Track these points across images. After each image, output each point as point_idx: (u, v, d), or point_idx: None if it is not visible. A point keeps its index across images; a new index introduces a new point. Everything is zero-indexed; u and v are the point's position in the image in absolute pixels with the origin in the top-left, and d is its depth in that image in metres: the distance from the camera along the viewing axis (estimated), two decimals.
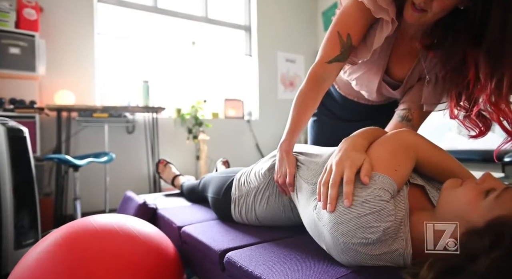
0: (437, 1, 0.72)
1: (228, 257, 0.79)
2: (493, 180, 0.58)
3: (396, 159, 0.68)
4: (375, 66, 0.96)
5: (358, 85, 1.04)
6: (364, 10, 0.83)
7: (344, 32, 0.85)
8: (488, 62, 0.71)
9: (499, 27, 0.68)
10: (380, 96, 1.06)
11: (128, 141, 3.01)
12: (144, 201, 1.36)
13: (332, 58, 0.87)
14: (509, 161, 1.59)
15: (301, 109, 0.87)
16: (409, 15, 0.79)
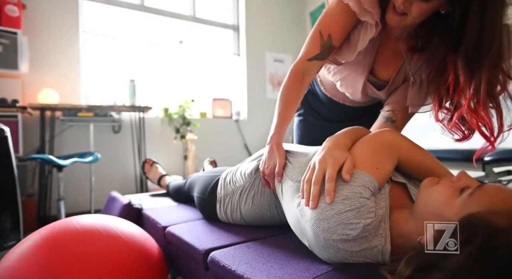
0: (415, 6, 0.74)
1: (211, 256, 0.79)
2: (467, 178, 0.59)
3: (378, 157, 0.69)
4: (360, 66, 0.98)
5: (343, 86, 1.05)
6: (348, 12, 0.84)
7: (325, 32, 0.88)
8: (466, 66, 0.73)
9: (476, 33, 0.69)
10: (365, 96, 1.07)
11: (114, 141, 2.97)
12: (129, 201, 1.34)
13: (312, 57, 0.90)
14: (489, 160, 1.63)
15: (286, 104, 0.91)
16: (390, 18, 0.80)
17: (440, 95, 0.82)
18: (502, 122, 0.73)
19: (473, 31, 0.70)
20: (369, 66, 0.98)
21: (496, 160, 1.61)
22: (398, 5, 0.75)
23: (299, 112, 1.31)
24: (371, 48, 0.95)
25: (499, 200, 0.50)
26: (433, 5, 0.74)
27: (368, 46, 0.93)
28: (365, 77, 0.99)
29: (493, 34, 0.68)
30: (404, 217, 0.63)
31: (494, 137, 0.74)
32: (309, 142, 1.14)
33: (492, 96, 0.72)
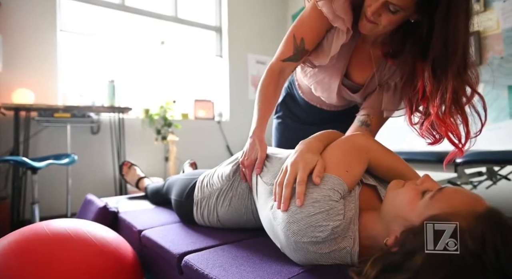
0: (384, 16, 0.77)
1: (185, 260, 0.79)
2: (430, 181, 0.61)
3: (348, 160, 0.71)
4: (335, 69, 1.00)
5: (318, 90, 1.07)
6: (321, 17, 0.86)
7: (298, 36, 0.91)
8: (433, 76, 0.75)
9: (441, 43, 0.72)
10: (341, 100, 1.09)
11: (92, 142, 2.91)
12: (104, 205, 1.32)
13: (286, 58, 0.94)
14: (461, 161, 1.69)
15: (265, 100, 0.94)
16: (363, 26, 0.83)
17: (411, 101, 0.84)
18: (468, 130, 0.76)
19: (438, 41, 0.72)
20: (344, 69, 1.00)
21: (468, 162, 1.67)
22: (369, 16, 0.78)
23: (277, 115, 1.33)
24: (346, 52, 0.97)
25: (458, 202, 0.52)
26: (401, 16, 0.76)
27: (343, 50, 0.95)
28: (340, 80, 1.01)
29: (457, 45, 0.71)
30: (373, 218, 0.65)
31: (462, 144, 0.77)
32: (288, 144, 1.15)
33: (458, 105, 0.74)
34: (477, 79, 0.76)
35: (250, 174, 0.89)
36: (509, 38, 2.38)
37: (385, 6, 0.75)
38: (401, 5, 0.72)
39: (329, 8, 0.84)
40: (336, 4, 0.83)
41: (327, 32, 0.91)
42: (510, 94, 2.38)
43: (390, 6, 0.74)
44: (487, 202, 0.53)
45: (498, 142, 2.43)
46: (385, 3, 0.74)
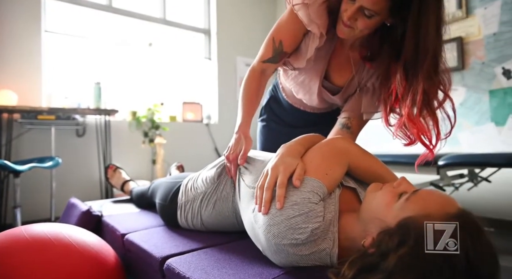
0: (360, 21, 0.79)
1: (167, 263, 0.78)
2: (406, 183, 0.63)
3: (328, 163, 0.72)
4: (314, 72, 1.01)
5: (300, 92, 1.09)
6: (298, 21, 0.89)
7: (277, 38, 0.95)
8: (405, 77, 0.77)
9: (412, 46, 0.74)
10: (322, 102, 1.10)
11: (77, 145, 2.86)
12: (88, 208, 1.30)
13: (266, 59, 0.99)
14: (443, 164, 1.72)
15: (249, 98, 0.99)
16: (340, 30, 0.85)
17: (386, 103, 0.86)
18: (439, 131, 0.78)
19: (410, 43, 0.74)
20: (323, 72, 1.01)
21: (450, 164, 1.71)
22: (345, 20, 0.80)
23: (262, 118, 1.34)
24: (324, 55, 0.98)
25: (431, 204, 0.54)
26: (376, 20, 0.78)
27: (321, 53, 0.97)
28: (319, 82, 1.02)
29: (427, 48, 0.73)
30: (352, 220, 0.66)
31: (433, 145, 0.79)
32: (272, 147, 1.15)
33: (429, 107, 0.76)
34: (449, 83, 0.78)
35: (235, 169, 0.90)
36: (490, 44, 2.45)
37: (360, 11, 0.77)
38: (375, 9, 0.75)
39: (304, 13, 0.86)
40: (311, 9, 0.85)
41: (304, 35, 0.94)
42: (491, 99, 2.45)
43: (365, 11, 0.76)
44: (459, 204, 0.54)
45: (480, 144, 2.49)
46: (360, 8, 0.76)
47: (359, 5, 0.75)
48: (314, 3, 0.85)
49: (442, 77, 0.77)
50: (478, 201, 2.47)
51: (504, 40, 2.37)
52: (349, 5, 0.78)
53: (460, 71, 2.61)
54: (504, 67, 2.37)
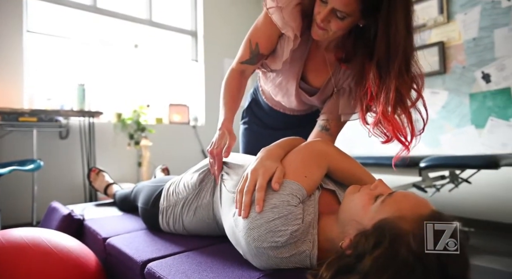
0: (333, 22, 0.81)
1: (148, 267, 0.78)
2: (383, 186, 0.64)
3: (307, 166, 0.73)
4: (291, 73, 1.03)
5: (279, 94, 1.11)
6: (273, 23, 0.91)
7: (254, 41, 0.97)
8: (378, 75, 0.80)
9: (384, 45, 0.77)
10: (301, 104, 1.11)
11: (61, 147, 2.81)
12: (69, 212, 1.28)
13: (244, 61, 1.01)
14: (425, 166, 1.76)
15: (231, 96, 1.00)
16: (314, 32, 0.87)
17: (361, 102, 0.88)
18: (413, 128, 0.80)
19: (382, 42, 0.77)
20: (299, 73, 1.03)
21: (431, 166, 1.75)
22: (318, 23, 0.82)
23: (244, 120, 1.34)
24: (300, 57, 1.00)
25: (405, 206, 0.55)
26: (349, 22, 0.80)
27: (297, 55, 0.98)
28: (296, 84, 1.04)
29: (397, 46, 0.75)
30: (331, 222, 0.67)
31: (408, 142, 0.81)
32: (254, 150, 1.15)
33: (403, 104, 0.78)
34: (422, 82, 0.80)
35: (220, 164, 0.90)
36: (470, 49, 2.52)
37: (333, 13, 0.79)
38: (347, 11, 0.77)
39: (278, 16, 0.88)
40: (285, 12, 0.87)
41: (279, 37, 0.96)
42: (471, 102, 2.52)
43: (337, 13, 0.78)
44: (432, 206, 0.56)
45: (461, 146, 2.56)
46: (332, 10, 0.78)
47: (331, 7, 0.77)
48: (287, 6, 0.86)
49: (414, 76, 0.79)
50: (459, 201, 2.53)
51: (483, 45, 2.44)
52: (322, 8, 0.80)
53: (442, 75, 2.67)
54: (484, 71, 2.45)
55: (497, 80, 2.38)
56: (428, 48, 2.73)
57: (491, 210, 2.39)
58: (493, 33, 2.39)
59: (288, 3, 0.87)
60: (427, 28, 2.75)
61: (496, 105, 2.39)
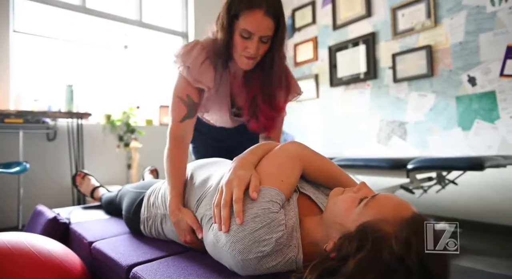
0: (261, 48, 0.96)
1: (133, 272, 0.77)
2: (366, 188, 0.65)
3: (283, 170, 0.73)
4: (223, 106, 1.14)
5: (217, 123, 1.24)
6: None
7: (183, 95, 1.01)
8: (262, 80, 1.04)
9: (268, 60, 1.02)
10: (238, 122, 1.23)
11: (48, 149, 2.77)
12: (54, 216, 1.26)
13: (183, 117, 1.01)
14: (413, 167, 1.78)
15: (175, 168, 0.95)
16: (245, 64, 0.99)
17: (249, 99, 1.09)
18: None
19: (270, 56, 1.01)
20: (229, 106, 1.14)
21: (419, 167, 1.77)
22: (253, 51, 0.94)
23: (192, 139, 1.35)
24: (225, 89, 1.10)
25: (387, 209, 0.56)
26: (268, 44, 0.98)
27: (222, 90, 1.09)
28: (229, 114, 1.16)
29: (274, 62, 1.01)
30: (314, 225, 0.67)
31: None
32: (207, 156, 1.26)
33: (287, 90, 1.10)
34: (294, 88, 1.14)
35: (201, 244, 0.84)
36: (456, 53, 2.56)
37: (260, 41, 0.94)
38: (270, 34, 0.94)
39: (189, 74, 0.99)
40: (194, 71, 0.99)
41: None
42: (458, 104, 2.56)
43: (263, 39, 0.94)
44: (414, 208, 0.57)
45: (448, 148, 2.60)
46: (259, 39, 0.93)
47: (258, 37, 0.92)
48: (194, 66, 0.98)
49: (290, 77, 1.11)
50: (445, 202, 2.57)
51: (469, 49, 2.49)
52: (248, 42, 0.93)
53: (430, 78, 2.71)
54: (469, 74, 2.49)
55: (483, 84, 2.43)
56: (416, 51, 2.77)
57: (477, 210, 2.43)
58: (478, 38, 2.44)
59: (195, 63, 0.98)
60: (415, 32, 2.79)
61: (481, 108, 2.44)
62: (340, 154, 3.22)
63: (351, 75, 3.27)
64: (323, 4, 3.54)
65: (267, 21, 0.91)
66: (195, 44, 1.01)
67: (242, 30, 0.92)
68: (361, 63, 3.18)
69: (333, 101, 3.45)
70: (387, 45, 3.01)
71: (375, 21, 3.09)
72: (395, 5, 2.92)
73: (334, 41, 3.42)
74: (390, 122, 2.99)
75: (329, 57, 3.46)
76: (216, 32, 1.00)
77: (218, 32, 0.98)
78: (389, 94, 2.99)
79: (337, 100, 3.42)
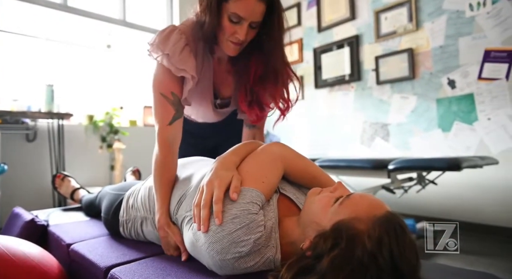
0: (249, 34, 0.89)
1: (111, 273, 0.76)
2: (342, 188, 0.66)
3: (264, 171, 0.73)
4: (204, 98, 1.04)
5: (199, 118, 1.16)
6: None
7: (167, 92, 0.90)
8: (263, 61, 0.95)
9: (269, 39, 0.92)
10: (221, 115, 1.15)
11: (28, 150, 2.70)
12: (32, 218, 1.23)
13: (172, 119, 0.90)
14: (394, 168, 1.82)
15: (167, 180, 0.89)
16: (232, 50, 0.91)
17: (245, 88, 0.99)
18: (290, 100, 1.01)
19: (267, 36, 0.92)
20: (212, 98, 1.05)
21: (399, 168, 1.81)
22: (242, 37, 0.86)
23: None
24: (208, 79, 1.01)
25: (361, 207, 0.57)
26: (257, 30, 0.90)
27: (204, 80, 1.00)
28: (212, 109, 1.07)
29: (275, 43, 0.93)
30: (292, 225, 0.68)
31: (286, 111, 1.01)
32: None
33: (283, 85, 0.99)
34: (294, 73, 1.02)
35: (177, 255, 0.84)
36: (437, 56, 2.63)
37: (249, 27, 0.87)
38: (260, 19, 0.87)
39: (168, 62, 0.87)
40: (174, 59, 0.87)
41: None
42: (438, 107, 2.63)
43: (253, 24, 0.87)
44: (387, 207, 0.58)
45: (429, 149, 2.66)
46: (249, 24, 0.86)
47: (248, 22, 0.85)
48: (174, 53, 0.87)
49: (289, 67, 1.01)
50: (426, 202, 2.63)
51: (449, 53, 2.56)
52: (237, 27, 0.85)
53: (411, 80, 2.77)
54: (449, 77, 2.56)
55: (462, 86, 2.50)
56: (399, 54, 2.83)
57: (455, 210, 2.50)
58: (458, 42, 2.51)
59: (174, 50, 0.87)
60: (398, 35, 2.85)
61: (460, 110, 2.51)
62: (325, 155, 3.26)
63: (336, 77, 3.31)
64: (308, 6, 3.58)
65: (259, 6, 0.83)
66: (172, 30, 0.90)
67: (232, 14, 0.83)
68: (346, 65, 3.22)
69: (318, 103, 3.49)
70: (370, 48, 3.06)
71: (359, 24, 3.14)
72: (378, 8, 2.98)
73: (319, 43, 3.46)
74: (373, 124, 3.04)
75: (314, 59, 3.50)
76: (200, 12, 0.89)
77: (204, 14, 0.87)
78: (372, 96, 3.05)
79: (321, 102, 3.46)
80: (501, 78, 2.31)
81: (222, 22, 0.86)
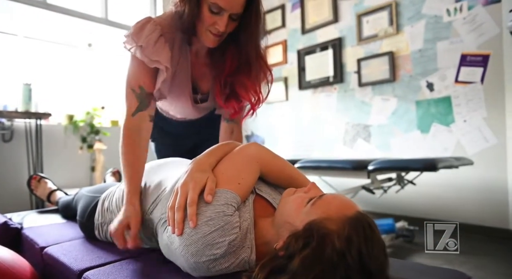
0: (230, 26, 0.89)
1: (85, 276, 0.75)
2: (315, 188, 0.67)
3: (240, 172, 0.73)
4: (183, 92, 1.04)
5: (178, 113, 1.15)
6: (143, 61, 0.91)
7: (136, 86, 0.93)
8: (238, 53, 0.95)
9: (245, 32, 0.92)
10: (201, 112, 1.14)
11: (3, 151, 2.61)
12: (5, 221, 1.19)
13: (134, 111, 0.93)
14: (373, 168, 1.85)
15: (130, 167, 0.90)
16: (211, 41, 0.91)
17: (220, 80, 1.00)
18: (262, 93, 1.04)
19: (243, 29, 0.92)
20: (190, 92, 1.05)
21: (379, 168, 1.84)
22: (222, 29, 0.87)
23: (153, 137, 1.29)
24: (185, 72, 1.01)
25: (332, 208, 0.58)
26: (237, 22, 0.90)
27: (182, 73, 1.00)
28: (191, 104, 1.07)
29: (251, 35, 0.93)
30: (267, 225, 0.68)
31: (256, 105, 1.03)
32: None
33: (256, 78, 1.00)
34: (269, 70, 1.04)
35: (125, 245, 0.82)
36: (416, 59, 2.70)
37: (229, 18, 0.86)
38: (240, 11, 0.87)
39: (142, 54, 0.89)
40: (148, 50, 0.88)
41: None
42: (417, 109, 2.70)
43: (233, 16, 0.87)
44: (358, 207, 0.59)
45: (409, 150, 2.72)
46: (229, 16, 0.86)
47: (229, 13, 0.85)
48: (148, 44, 0.88)
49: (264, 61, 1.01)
50: (404, 202, 2.69)
51: (428, 56, 2.63)
52: (216, 18, 0.85)
53: (392, 82, 2.84)
54: (428, 80, 2.63)
55: (439, 89, 2.57)
56: (380, 57, 2.89)
57: (433, 209, 2.57)
58: (436, 45, 2.58)
59: (148, 41, 0.88)
60: (379, 38, 2.91)
61: (438, 112, 2.58)
62: (308, 156, 3.29)
63: (319, 79, 3.35)
64: (292, 8, 3.60)
65: None
66: (146, 21, 0.91)
67: (212, 5, 0.83)
68: (329, 67, 3.26)
69: (302, 104, 3.52)
70: (352, 50, 3.11)
71: (342, 26, 3.19)
72: (360, 11, 3.03)
73: (303, 45, 3.50)
74: (356, 125, 3.09)
75: (298, 61, 3.53)
76: (179, 2, 0.89)
77: (183, 3, 0.87)
78: (354, 98, 3.10)
79: (305, 103, 3.49)
80: (476, 81, 2.39)
81: (202, 12, 0.86)
